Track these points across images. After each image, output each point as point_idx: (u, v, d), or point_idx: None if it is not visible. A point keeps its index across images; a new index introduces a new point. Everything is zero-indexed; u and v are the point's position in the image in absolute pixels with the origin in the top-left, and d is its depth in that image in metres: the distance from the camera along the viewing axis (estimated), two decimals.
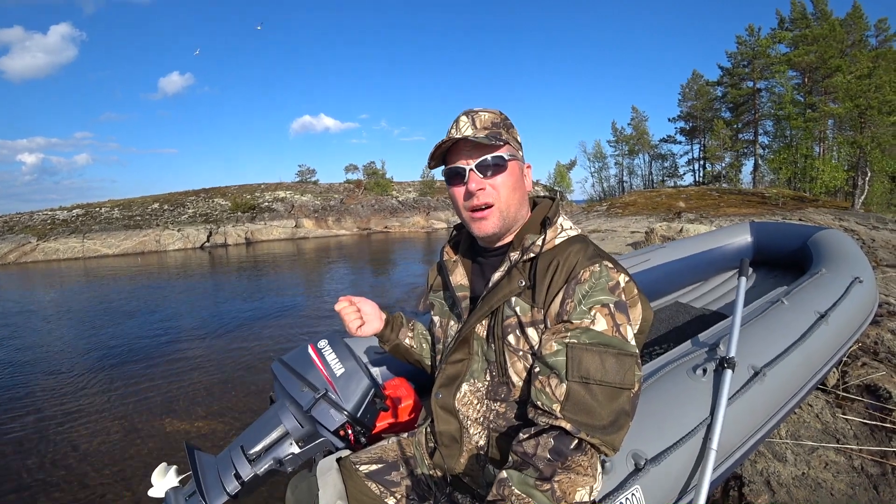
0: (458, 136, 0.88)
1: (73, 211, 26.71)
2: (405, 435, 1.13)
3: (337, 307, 1.12)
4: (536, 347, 0.84)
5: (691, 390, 1.24)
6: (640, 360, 0.80)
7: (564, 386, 0.75)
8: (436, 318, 1.09)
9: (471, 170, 0.88)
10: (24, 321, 7.46)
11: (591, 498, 0.73)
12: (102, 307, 8.29)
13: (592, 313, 0.78)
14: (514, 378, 0.87)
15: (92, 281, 12.68)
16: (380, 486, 1.01)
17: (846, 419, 2.06)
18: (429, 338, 1.22)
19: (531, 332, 0.85)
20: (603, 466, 0.84)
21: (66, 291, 10.99)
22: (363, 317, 1.14)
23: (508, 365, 0.88)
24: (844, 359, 2.45)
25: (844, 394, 2.25)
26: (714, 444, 1.11)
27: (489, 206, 0.89)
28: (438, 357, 1.06)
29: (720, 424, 1.14)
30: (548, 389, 0.77)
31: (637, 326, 0.85)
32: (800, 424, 2.03)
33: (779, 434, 1.95)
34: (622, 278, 0.84)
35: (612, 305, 0.79)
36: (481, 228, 0.91)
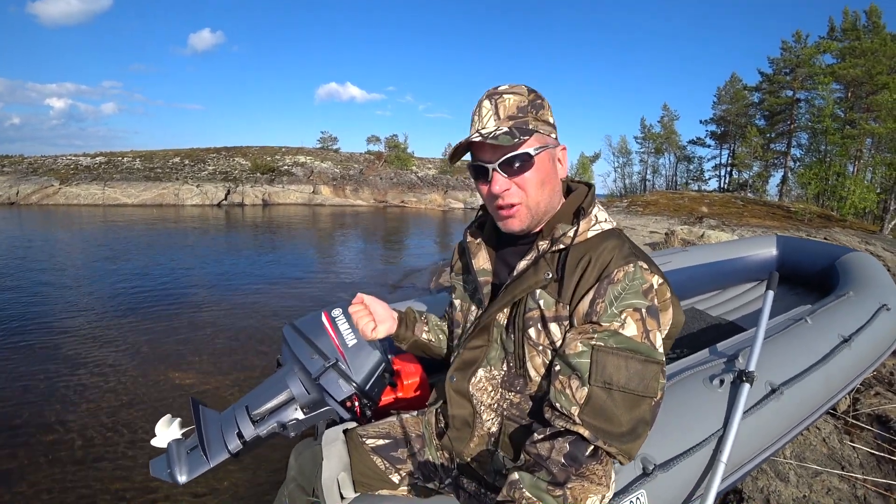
0: (480, 128, 0.82)
1: (97, 158, 27.08)
2: (415, 413, 1.12)
3: (351, 309, 1.11)
4: (558, 344, 0.81)
5: (706, 400, 1.21)
6: (665, 368, 0.77)
7: (586, 389, 0.73)
8: (456, 302, 1.06)
9: (494, 169, 0.82)
10: (37, 264, 7.63)
11: None
12: (116, 255, 8.44)
13: (623, 317, 0.75)
14: (532, 372, 0.85)
15: (110, 227, 12.91)
16: (385, 462, 1.01)
17: (853, 447, 2.02)
18: (445, 328, 1.20)
19: (553, 327, 0.81)
20: None
21: (86, 236, 11.21)
22: (375, 318, 1.10)
23: (527, 358, 0.85)
24: (858, 385, 2.40)
25: (854, 421, 2.20)
26: (724, 457, 1.08)
27: (514, 206, 0.84)
28: (456, 341, 1.04)
29: (733, 437, 1.12)
30: (568, 391, 0.75)
31: (666, 331, 0.82)
32: (806, 446, 2.00)
33: (783, 454, 1.92)
34: (656, 280, 0.80)
35: (643, 310, 0.76)
36: (508, 226, 0.87)
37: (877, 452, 1.98)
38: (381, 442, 1.03)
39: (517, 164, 0.81)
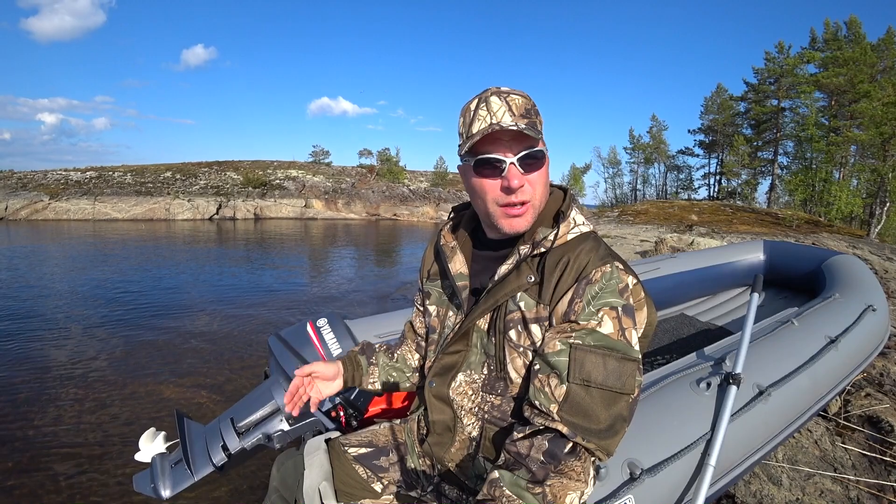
0: (494, 120, 0.80)
1: (87, 173, 26.91)
2: (397, 421, 1.10)
3: (291, 387, 0.98)
4: (539, 344, 0.81)
5: (693, 403, 1.21)
6: (641, 366, 0.78)
7: (564, 387, 0.73)
8: (431, 308, 1.02)
9: (511, 163, 0.80)
10: (24, 277, 7.53)
11: (581, 502, 0.71)
12: (103, 269, 8.35)
13: (600, 315, 0.76)
14: (513, 374, 0.84)
15: (98, 241, 12.79)
16: (367, 471, 0.99)
17: (845, 448, 2.02)
18: (403, 364, 1.12)
19: (535, 328, 0.81)
20: (597, 473, 0.82)
21: (71, 251, 11.09)
22: (321, 380, 1.00)
23: (508, 361, 0.84)
24: (848, 387, 2.41)
25: (845, 423, 2.20)
26: (712, 460, 1.08)
27: (525, 204, 0.83)
28: (433, 347, 1.00)
29: (720, 440, 1.12)
30: (547, 389, 0.75)
31: (641, 330, 0.83)
32: (798, 449, 1.99)
33: (775, 457, 1.92)
34: (631, 280, 0.81)
35: (620, 308, 0.77)
36: (514, 226, 0.84)
37: (869, 453, 1.98)
38: (363, 450, 1.01)
39: (533, 161, 0.81)
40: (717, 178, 35.28)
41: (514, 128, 0.77)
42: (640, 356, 0.77)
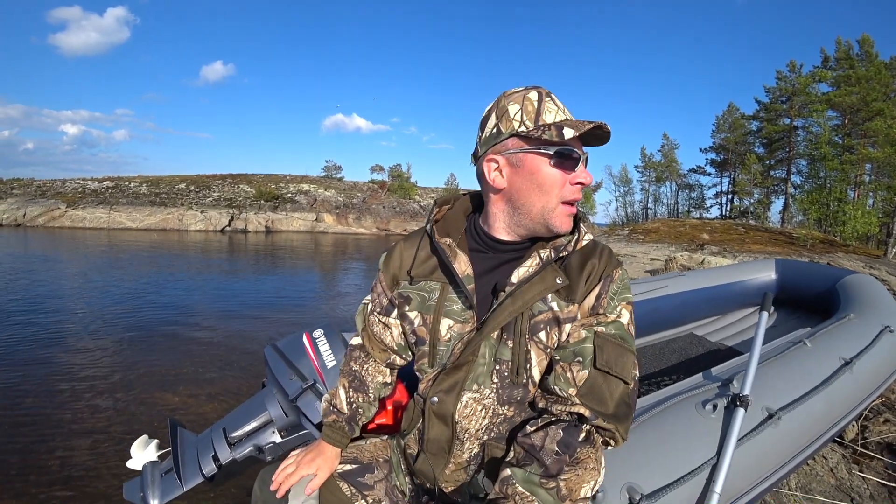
0: (566, 116, 0.83)
1: (104, 183, 27.52)
2: (384, 437, 1.06)
3: (283, 473, 0.95)
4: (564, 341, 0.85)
5: (699, 426, 1.16)
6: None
7: (587, 372, 0.79)
8: (412, 315, 0.93)
9: (585, 157, 0.85)
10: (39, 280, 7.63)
11: (594, 492, 0.74)
12: (110, 276, 8.45)
13: (619, 309, 0.84)
14: (536, 376, 0.85)
15: (112, 249, 12.98)
16: (351, 488, 0.94)
17: (863, 477, 1.94)
18: (376, 394, 1.06)
19: (567, 327, 0.84)
20: (594, 499, 0.80)
21: (84, 258, 11.25)
22: (313, 465, 0.94)
23: (534, 363, 0.83)
24: (866, 412, 2.32)
25: (863, 450, 2.11)
26: (718, 487, 1.03)
27: (577, 201, 0.88)
28: (425, 360, 0.92)
29: (727, 466, 1.06)
30: (568, 374, 0.80)
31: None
32: (812, 477, 1.91)
33: (788, 485, 1.84)
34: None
35: (633, 304, 0.87)
36: (566, 224, 0.86)
37: (888, 483, 1.89)
38: (347, 467, 0.97)
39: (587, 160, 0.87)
40: (730, 196, 35.00)
41: (570, 120, 0.82)
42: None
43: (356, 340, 1.10)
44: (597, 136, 0.82)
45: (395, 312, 0.99)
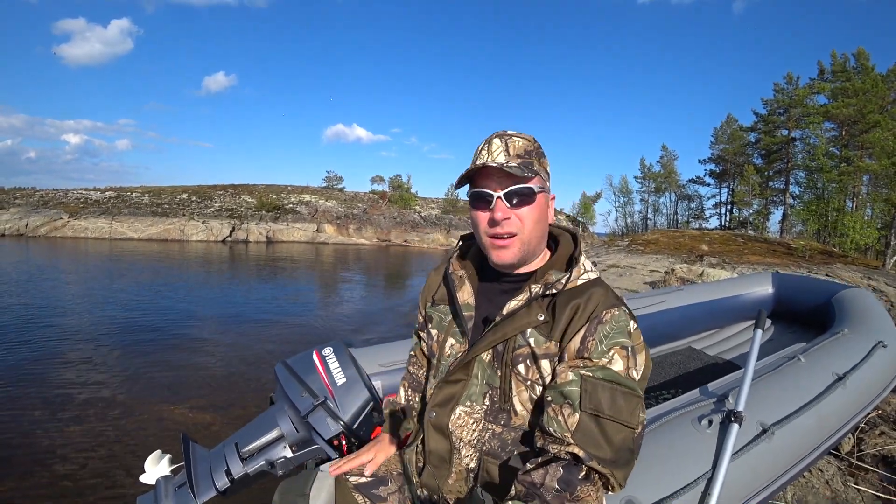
0: (490, 161, 0.87)
1: (106, 193, 27.64)
2: (398, 451, 1.12)
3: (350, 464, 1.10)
4: (548, 379, 0.85)
5: (694, 441, 1.20)
6: (643, 404, 0.82)
7: (577, 415, 0.77)
8: (433, 332, 1.06)
9: (498, 197, 0.86)
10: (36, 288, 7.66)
11: None
12: (113, 288, 8.48)
13: (611, 353, 0.81)
14: (518, 406, 0.88)
15: (114, 259, 13.01)
16: (367, 499, 1.01)
17: (858, 489, 1.97)
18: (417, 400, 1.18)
19: (544, 363, 0.86)
20: None
21: (85, 269, 11.28)
22: (373, 456, 1.11)
23: (514, 393, 0.88)
24: (861, 425, 2.35)
25: (859, 462, 2.15)
26: (713, 500, 1.07)
27: (512, 236, 0.88)
28: (433, 372, 1.03)
29: (721, 480, 1.11)
30: (560, 417, 0.79)
31: (642, 371, 0.85)
32: (808, 489, 1.95)
33: (784, 497, 1.87)
34: (633, 325, 0.86)
35: (629, 349, 0.82)
36: (500, 257, 0.90)
37: (882, 495, 1.93)
38: (363, 479, 1.03)
39: (521, 197, 0.87)
40: (729, 207, 35.13)
41: (494, 165, 0.85)
42: (642, 394, 0.82)
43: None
44: (509, 176, 0.86)
45: (426, 328, 1.10)
